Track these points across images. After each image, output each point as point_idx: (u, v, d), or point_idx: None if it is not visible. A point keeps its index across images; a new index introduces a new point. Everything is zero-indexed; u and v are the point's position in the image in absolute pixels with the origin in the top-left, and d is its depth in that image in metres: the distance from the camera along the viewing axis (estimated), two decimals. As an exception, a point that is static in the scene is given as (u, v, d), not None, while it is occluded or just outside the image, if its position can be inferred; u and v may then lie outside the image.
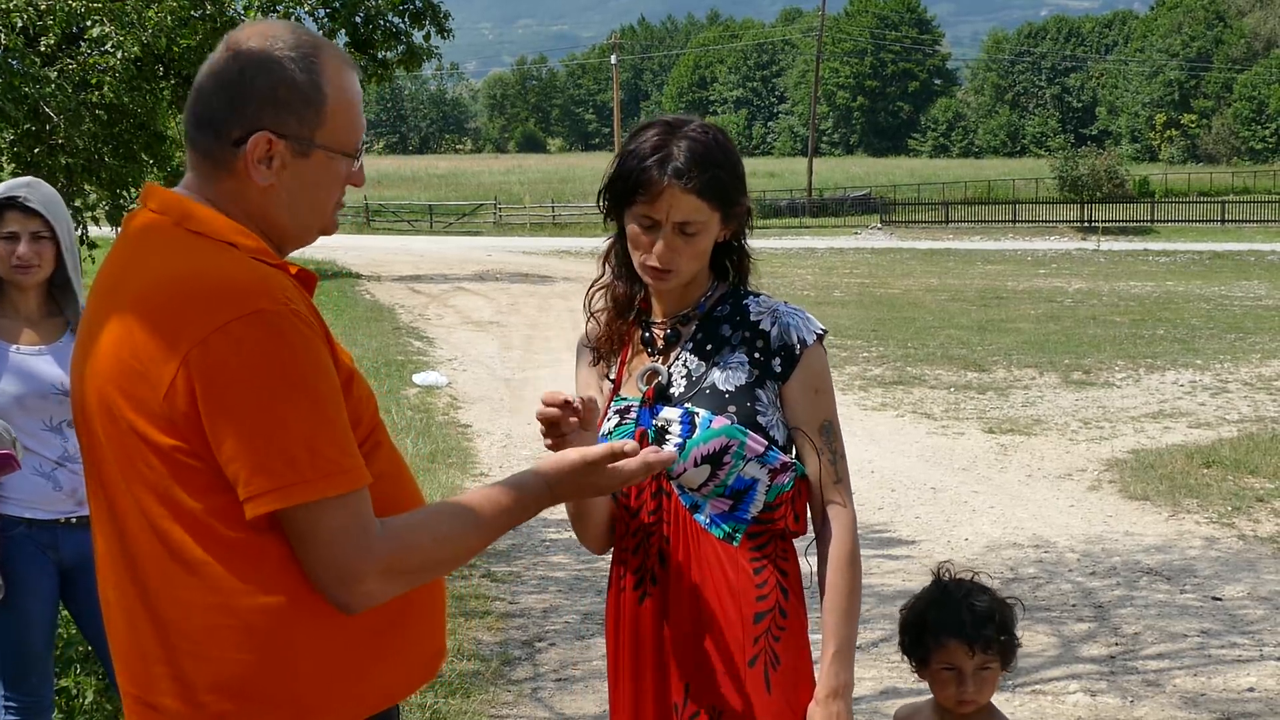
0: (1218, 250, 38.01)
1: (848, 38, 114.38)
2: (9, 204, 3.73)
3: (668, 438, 2.53)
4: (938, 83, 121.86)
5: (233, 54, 1.98)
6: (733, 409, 2.52)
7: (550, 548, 7.78)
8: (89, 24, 7.91)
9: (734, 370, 2.55)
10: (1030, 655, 5.84)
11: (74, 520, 3.79)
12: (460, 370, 15.63)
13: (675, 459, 2.28)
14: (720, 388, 2.54)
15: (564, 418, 2.30)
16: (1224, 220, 48.35)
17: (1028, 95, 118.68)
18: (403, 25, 11.87)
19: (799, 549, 2.64)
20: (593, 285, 2.70)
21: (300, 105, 1.97)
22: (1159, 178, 62.81)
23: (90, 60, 7.93)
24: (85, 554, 3.62)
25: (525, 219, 55.65)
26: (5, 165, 8.31)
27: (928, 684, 2.87)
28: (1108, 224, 46.82)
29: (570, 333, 17.21)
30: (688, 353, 2.59)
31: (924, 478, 9.76)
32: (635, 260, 2.55)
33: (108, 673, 4.11)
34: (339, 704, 1.97)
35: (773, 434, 2.53)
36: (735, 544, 2.53)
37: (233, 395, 1.83)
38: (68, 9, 7.79)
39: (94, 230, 9.90)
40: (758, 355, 2.56)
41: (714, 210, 2.51)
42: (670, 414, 2.54)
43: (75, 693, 4.86)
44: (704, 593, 2.52)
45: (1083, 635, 6.26)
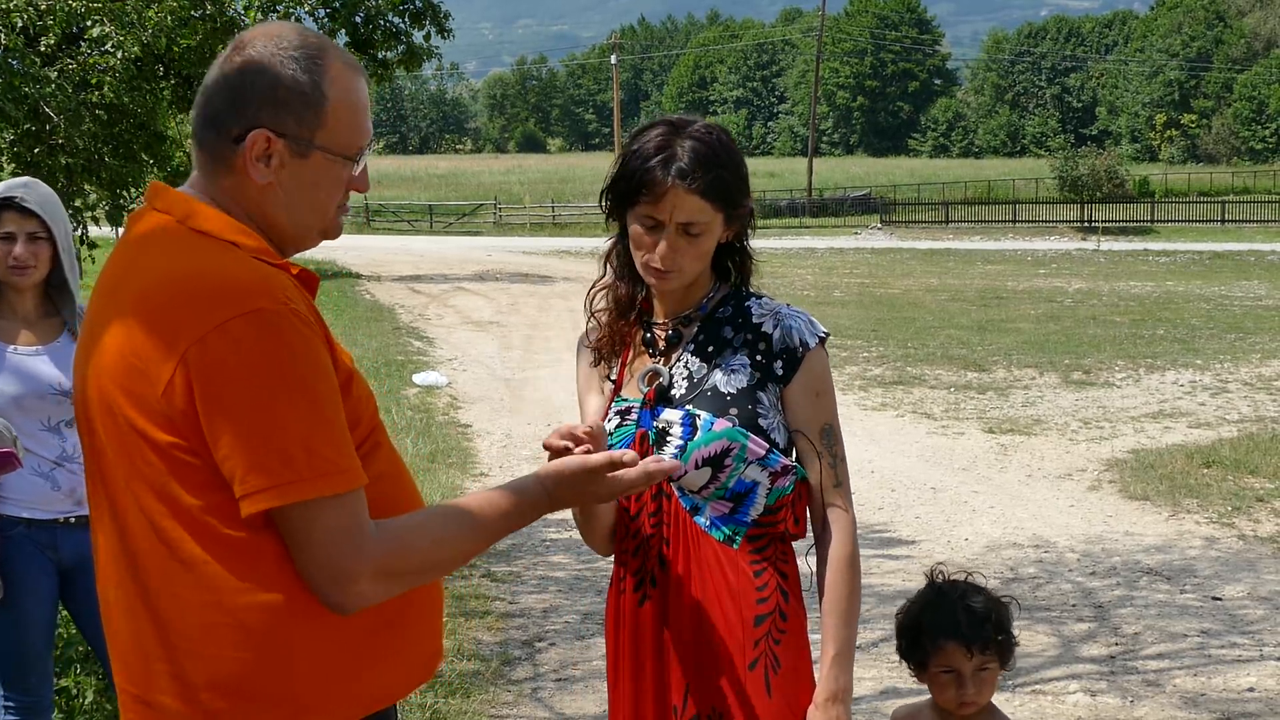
0: (1218, 250, 38.02)
1: (848, 38, 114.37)
2: (6, 204, 3.72)
3: (669, 439, 2.52)
4: (938, 83, 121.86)
5: (239, 53, 1.99)
6: (734, 411, 2.51)
7: (550, 548, 7.78)
8: (89, 24, 7.91)
9: (736, 372, 2.54)
10: (1030, 655, 5.84)
11: (73, 520, 3.78)
12: (460, 370, 15.63)
13: (678, 468, 2.26)
14: (722, 390, 2.53)
15: (572, 449, 2.26)
16: (1224, 220, 48.36)
17: (1028, 95, 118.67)
18: (403, 25, 11.87)
19: (798, 550, 2.63)
20: (594, 285, 2.68)
21: (300, 106, 1.98)
22: (1159, 178, 62.83)
23: (90, 60, 7.92)
24: (84, 554, 3.62)
25: (525, 219, 55.66)
26: (5, 165, 8.30)
27: (927, 686, 2.86)
28: (1108, 224, 46.83)
29: (570, 333, 17.20)
30: (689, 354, 2.58)
31: (924, 478, 9.76)
32: (637, 260, 2.54)
33: (107, 673, 4.11)
34: (335, 703, 1.97)
35: (774, 437, 2.52)
36: (735, 546, 2.52)
37: (230, 393, 1.84)
38: (68, 9, 7.78)
39: (94, 230, 9.90)
40: (759, 358, 2.55)
41: (717, 211, 2.49)
42: (671, 416, 2.53)
43: (75, 693, 4.87)
44: (704, 595, 2.51)
45: (1083, 635, 6.26)
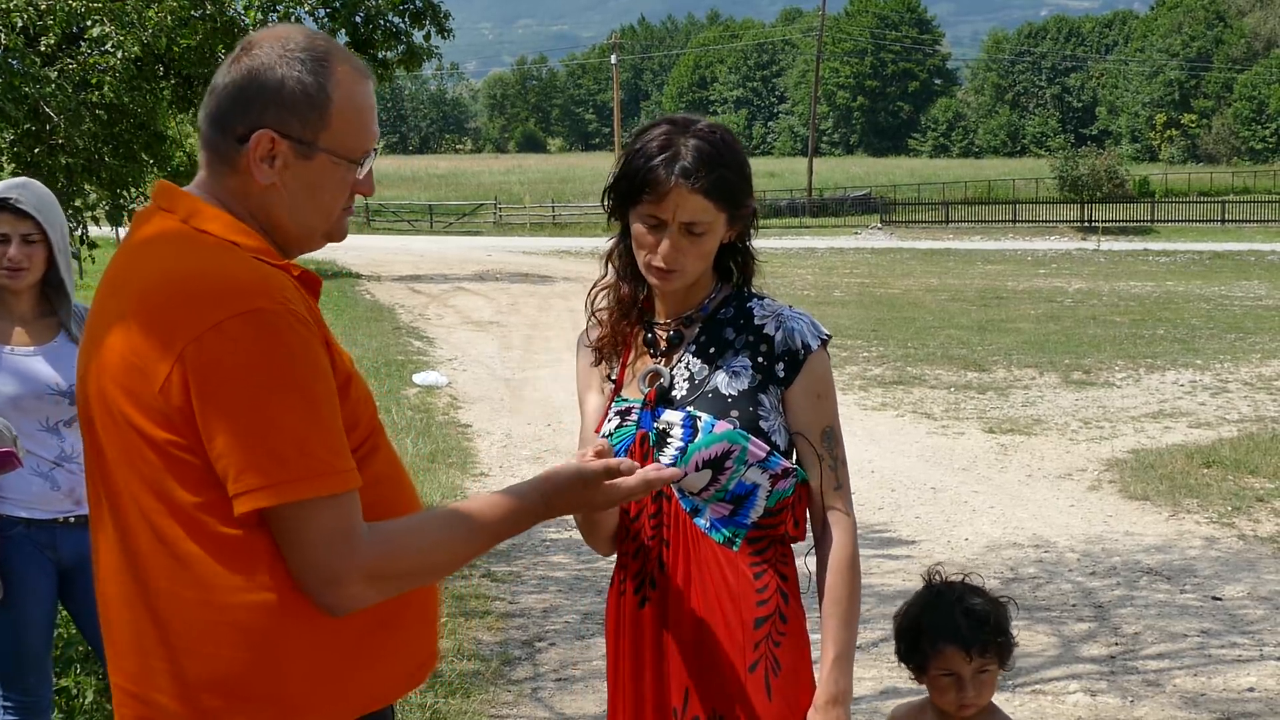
0: (1218, 250, 38.02)
1: (848, 38, 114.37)
2: (0, 206, 3.71)
3: (669, 441, 2.51)
4: (938, 83, 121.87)
5: (246, 54, 2.00)
6: (735, 413, 2.50)
7: (550, 548, 7.78)
8: (89, 24, 7.91)
9: (737, 374, 2.53)
10: (1030, 655, 5.84)
11: (72, 520, 3.78)
12: (460, 370, 15.63)
13: (678, 476, 2.25)
14: (723, 392, 2.52)
15: None
16: (1224, 220, 48.37)
17: (1028, 95, 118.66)
18: (403, 25, 11.86)
19: (797, 552, 2.63)
20: (596, 285, 2.67)
21: (305, 107, 1.98)
22: (1159, 178, 62.85)
23: (90, 60, 7.93)
24: (84, 554, 3.61)
25: (525, 219, 55.67)
26: (5, 165, 8.30)
27: (926, 689, 2.86)
28: (1108, 224, 46.83)
29: (570, 333, 17.20)
30: (691, 355, 2.57)
31: (924, 478, 9.76)
32: (639, 260, 2.52)
33: (107, 672, 4.11)
34: (326, 704, 1.97)
35: (774, 439, 2.51)
36: (735, 549, 2.51)
37: (226, 391, 1.84)
38: (68, 9, 7.78)
39: (94, 230, 9.91)
40: (761, 359, 2.53)
41: (720, 211, 2.48)
42: (672, 417, 2.52)
43: (75, 693, 4.87)
44: (704, 597, 2.50)
45: (1083, 635, 6.25)
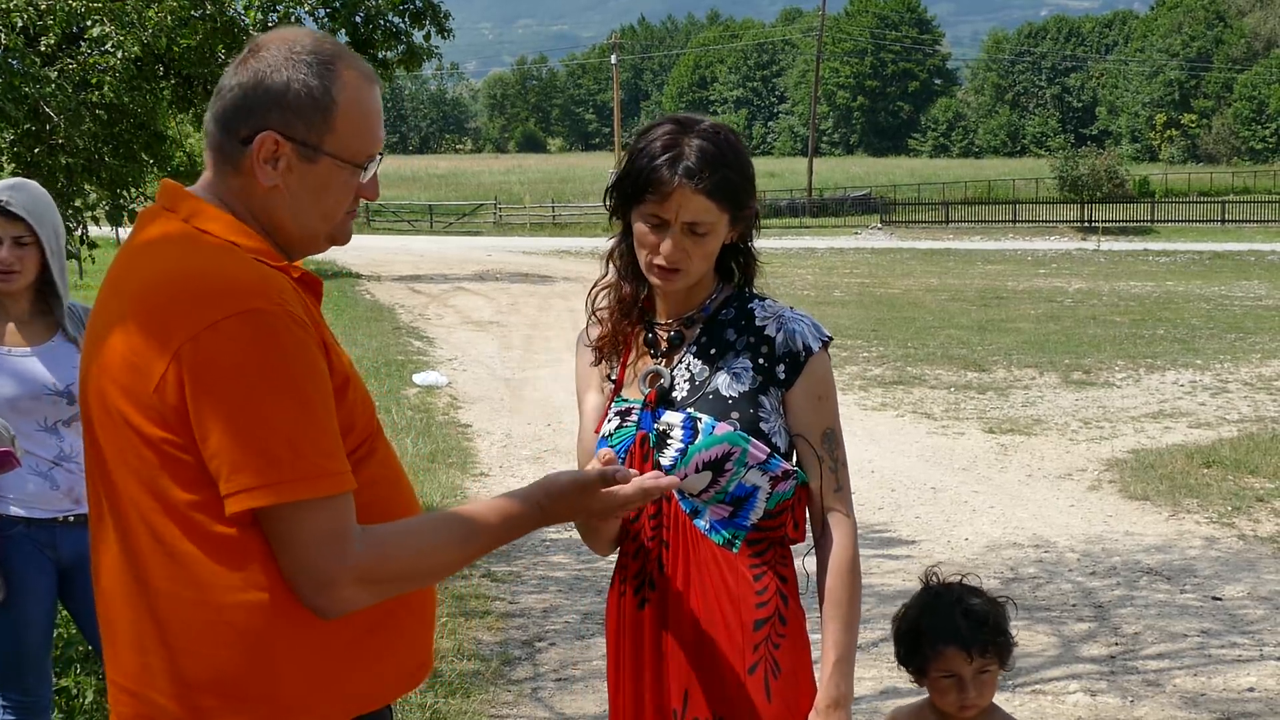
0: (1218, 250, 38.02)
1: (848, 38, 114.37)
2: None
3: (669, 442, 2.50)
4: (938, 83, 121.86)
5: (253, 56, 2.00)
6: (736, 415, 2.49)
7: (550, 547, 7.78)
8: (89, 24, 7.91)
9: (738, 376, 2.52)
10: (1030, 655, 5.84)
11: (71, 519, 3.78)
12: (460, 370, 15.63)
13: (676, 485, 2.24)
14: (724, 393, 2.51)
15: None
16: (1224, 220, 48.37)
17: (1028, 95, 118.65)
18: (403, 25, 11.85)
19: (796, 553, 2.62)
20: (596, 284, 2.67)
21: (309, 110, 1.98)
22: (1159, 178, 62.85)
23: (90, 60, 7.92)
24: (84, 553, 3.60)
25: (525, 219, 55.67)
26: (5, 165, 8.30)
27: (927, 690, 2.85)
28: (1108, 224, 46.84)
29: (570, 333, 17.20)
30: (691, 356, 2.56)
31: (924, 478, 9.76)
32: (641, 259, 2.52)
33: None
34: (320, 705, 1.97)
35: (775, 441, 2.51)
36: (735, 550, 2.51)
37: (220, 391, 1.84)
38: (68, 9, 7.78)
39: (94, 230, 9.91)
40: (762, 361, 2.53)
41: (724, 211, 2.47)
42: (673, 418, 2.52)
43: (75, 693, 4.87)
44: (704, 599, 2.50)
45: (1083, 635, 6.25)
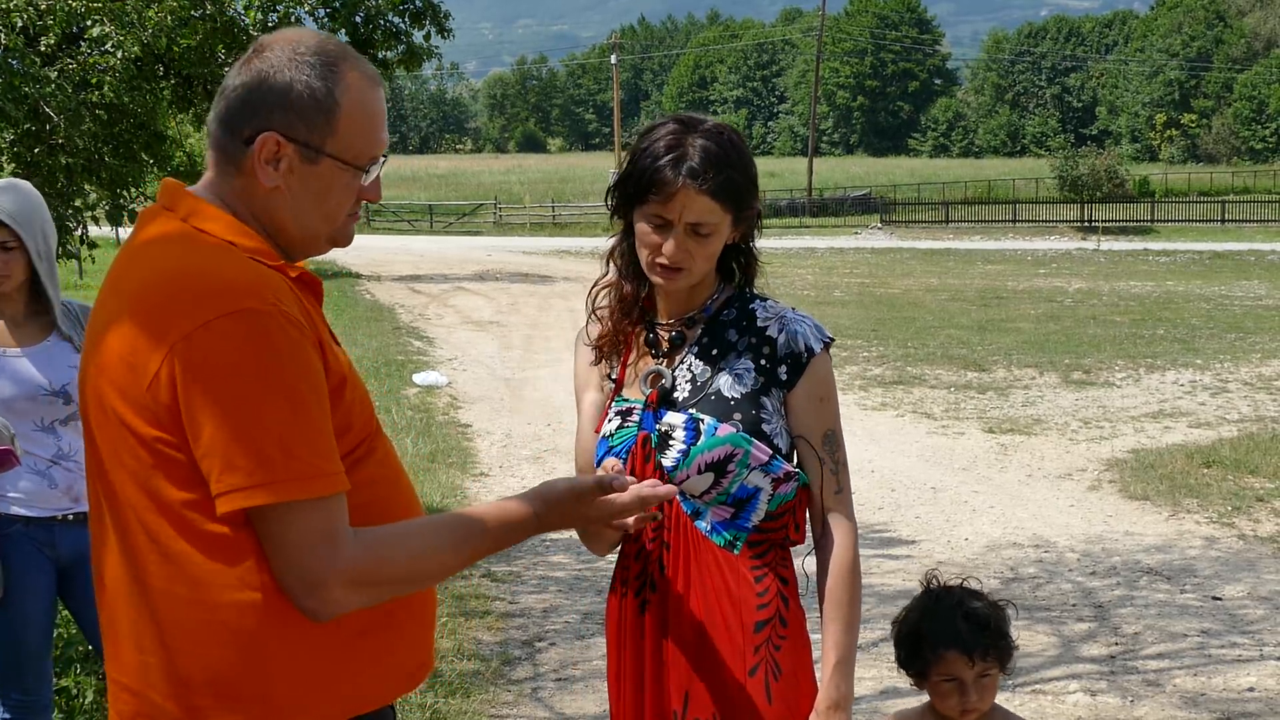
0: (1218, 250, 38.02)
1: (848, 38, 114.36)
2: None
3: (671, 443, 2.50)
4: (938, 83, 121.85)
5: (257, 56, 2.00)
6: (738, 416, 2.49)
7: (550, 547, 7.78)
8: (89, 24, 7.90)
9: (740, 377, 2.52)
10: (1030, 655, 5.83)
11: (70, 517, 3.78)
12: (460, 370, 15.63)
13: (673, 493, 2.23)
14: (726, 394, 2.51)
15: None
16: (1224, 220, 48.36)
17: (1028, 95, 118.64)
18: (403, 25, 11.82)
19: (795, 554, 2.62)
20: (597, 283, 2.67)
21: (312, 112, 1.97)
22: (1159, 178, 62.84)
23: (90, 60, 7.91)
24: (83, 551, 3.61)
25: (525, 219, 55.67)
26: (5, 165, 8.29)
27: (928, 694, 2.84)
28: (1108, 224, 46.83)
29: (570, 333, 17.18)
30: (693, 357, 2.56)
31: (924, 478, 9.76)
32: (643, 259, 2.51)
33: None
34: (315, 706, 1.96)
35: (777, 442, 2.50)
36: (736, 552, 2.50)
37: (212, 390, 1.84)
38: (68, 9, 7.77)
39: (94, 230, 9.90)
40: (764, 362, 2.52)
41: (727, 212, 2.47)
42: (675, 419, 2.51)
43: (75, 693, 4.87)
44: (705, 600, 2.50)
45: (1083, 635, 6.25)
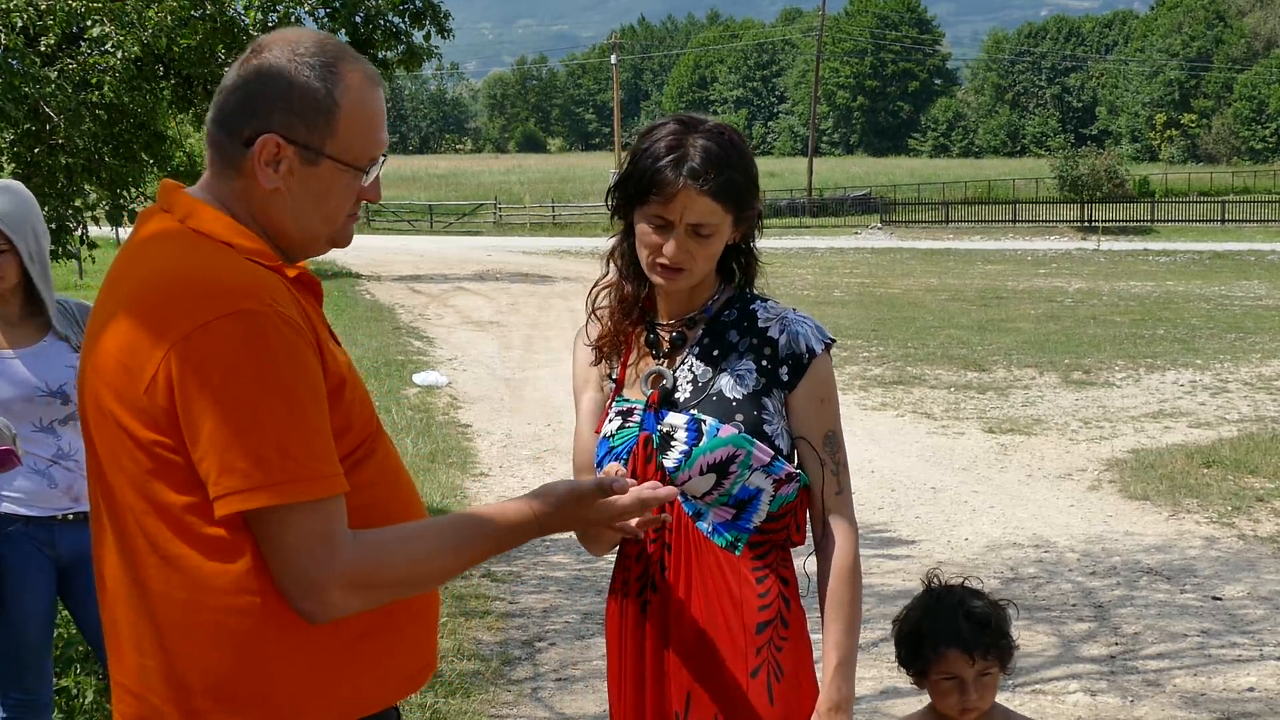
0: (1218, 250, 38.02)
1: (848, 38, 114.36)
2: None
3: (673, 444, 2.49)
4: (938, 83, 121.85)
5: (256, 56, 1.98)
6: (740, 417, 2.48)
7: (550, 548, 7.78)
8: (89, 24, 7.89)
9: (741, 378, 2.51)
10: (1030, 655, 5.83)
11: (70, 517, 3.78)
12: (460, 370, 15.63)
13: (673, 495, 2.24)
14: (728, 395, 2.51)
15: None
16: (1224, 220, 48.35)
17: (1028, 95, 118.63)
18: (403, 25, 11.81)
19: (795, 554, 2.62)
20: (597, 283, 2.66)
21: (312, 113, 1.96)
22: (1159, 178, 62.83)
23: (90, 60, 7.91)
24: (83, 551, 3.61)
25: (525, 219, 55.66)
26: (5, 165, 8.30)
27: (927, 692, 2.85)
28: (1108, 224, 46.82)
29: (570, 333, 17.19)
30: (694, 358, 2.56)
31: (924, 478, 9.76)
32: (644, 259, 2.50)
33: (105, 671, 4.10)
34: (313, 708, 1.95)
35: (778, 443, 2.50)
36: (737, 553, 2.50)
37: (208, 393, 1.83)
38: (68, 9, 7.77)
39: (94, 230, 9.90)
40: (765, 363, 2.52)
41: (727, 213, 2.46)
42: (676, 420, 2.51)
43: (75, 693, 4.86)
44: (706, 601, 2.50)
45: (1083, 635, 6.25)
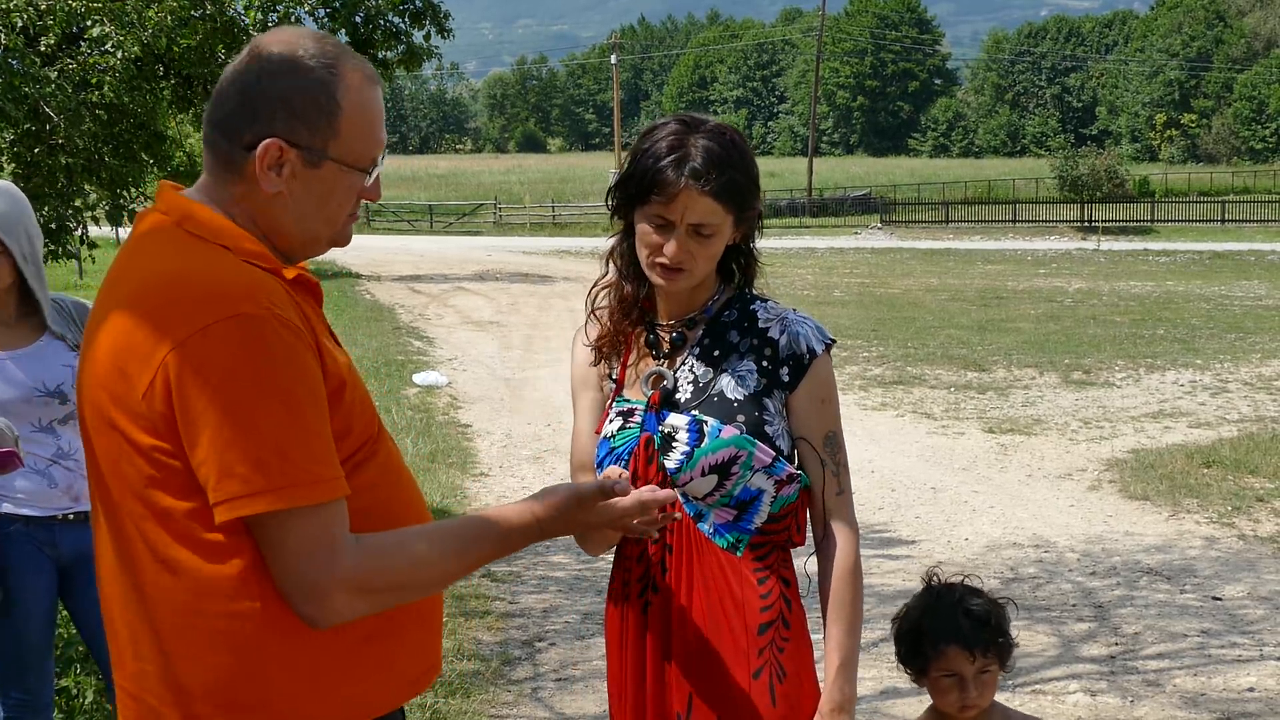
0: (1218, 250, 38.02)
1: (848, 38, 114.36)
2: None
3: (674, 445, 2.49)
4: (938, 83, 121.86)
5: (254, 58, 1.96)
6: (741, 418, 2.48)
7: (550, 548, 7.78)
8: (89, 24, 7.89)
9: (742, 378, 2.51)
10: (1030, 655, 5.83)
11: (71, 516, 3.77)
12: (460, 370, 15.63)
13: (672, 498, 2.24)
14: (729, 396, 2.50)
15: None
16: (1224, 220, 48.36)
17: (1028, 95, 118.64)
18: (403, 25, 11.82)
19: (795, 555, 2.62)
20: (597, 283, 2.66)
21: (314, 115, 1.94)
22: (1159, 178, 62.83)
23: (90, 60, 7.91)
24: (83, 551, 3.61)
25: (525, 219, 55.66)
26: (5, 165, 8.30)
27: (927, 690, 2.85)
28: (1108, 224, 46.83)
29: (570, 333, 17.20)
30: (694, 358, 2.55)
31: (924, 478, 9.76)
32: (643, 259, 2.50)
33: (103, 672, 4.11)
34: (316, 713, 1.94)
35: (779, 444, 2.50)
36: (739, 554, 2.50)
37: (207, 398, 1.81)
38: (68, 9, 7.77)
39: (94, 230, 9.91)
40: (766, 364, 2.52)
41: (729, 213, 2.46)
42: (678, 421, 2.50)
43: (75, 693, 4.86)
44: (708, 602, 2.49)
45: (1083, 635, 6.25)
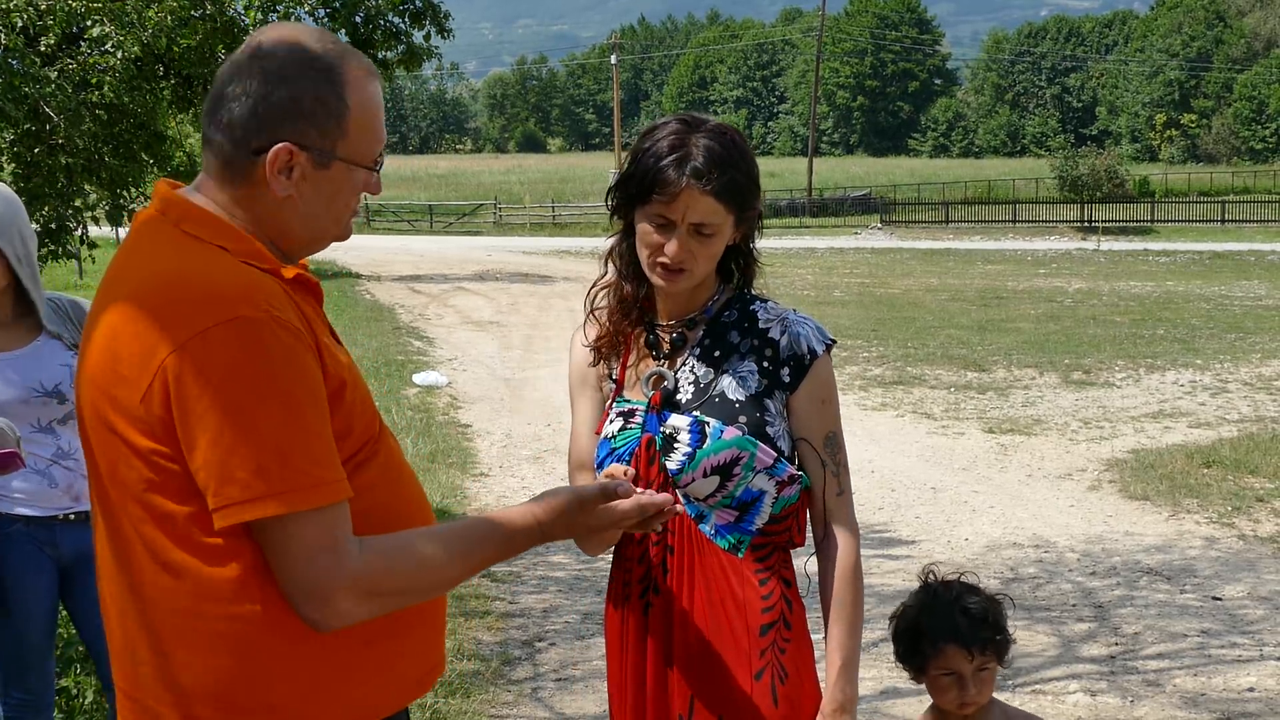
0: (1218, 250, 38.03)
1: (848, 38, 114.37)
2: None
3: (676, 446, 2.49)
4: (938, 83, 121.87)
5: (256, 59, 1.92)
6: (743, 419, 2.48)
7: (550, 548, 7.78)
8: (89, 24, 7.89)
9: (744, 379, 2.51)
10: (1030, 655, 5.84)
11: (71, 516, 3.77)
12: (460, 370, 15.63)
13: (671, 502, 2.23)
14: (730, 397, 2.50)
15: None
16: (1224, 220, 48.36)
17: (1028, 95, 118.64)
18: (403, 25, 11.82)
19: (795, 555, 2.62)
20: (596, 283, 2.65)
21: (323, 117, 1.92)
22: (1159, 178, 62.83)
23: (90, 60, 7.91)
24: (84, 550, 3.61)
25: (525, 219, 55.67)
26: (5, 165, 8.30)
27: (926, 689, 2.86)
28: (1108, 224, 46.83)
29: (570, 333, 17.19)
30: (695, 359, 2.55)
31: (924, 478, 9.76)
32: (643, 259, 2.49)
33: (103, 672, 4.10)
34: (318, 716, 1.94)
35: (780, 445, 2.50)
36: (740, 555, 2.50)
37: (206, 402, 1.79)
38: (68, 9, 7.77)
39: (94, 230, 9.90)
40: (766, 364, 2.52)
41: (729, 212, 2.46)
42: (679, 422, 2.50)
43: (75, 693, 4.87)
44: (709, 603, 2.49)
45: (1083, 635, 6.25)
